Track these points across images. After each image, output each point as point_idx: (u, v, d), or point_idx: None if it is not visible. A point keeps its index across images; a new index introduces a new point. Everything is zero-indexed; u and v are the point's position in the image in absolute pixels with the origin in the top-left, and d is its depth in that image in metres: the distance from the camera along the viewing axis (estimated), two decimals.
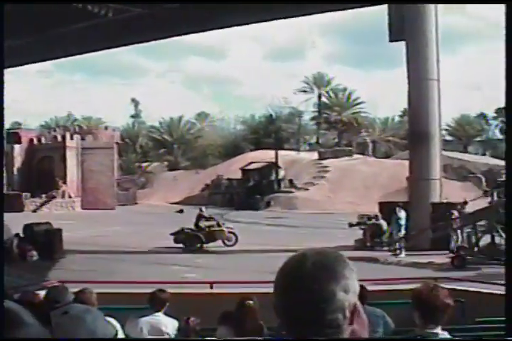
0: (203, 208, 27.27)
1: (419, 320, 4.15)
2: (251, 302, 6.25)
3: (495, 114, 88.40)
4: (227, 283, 11.93)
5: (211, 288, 11.08)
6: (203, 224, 25.71)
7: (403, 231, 24.03)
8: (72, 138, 52.26)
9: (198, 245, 25.19)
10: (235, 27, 32.68)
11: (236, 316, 6.16)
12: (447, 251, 21.87)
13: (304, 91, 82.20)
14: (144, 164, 72.45)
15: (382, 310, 7.37)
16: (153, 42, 36.10)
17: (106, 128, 59.15)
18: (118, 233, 31.55)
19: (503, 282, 13.94)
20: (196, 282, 14.17)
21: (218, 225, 25.85)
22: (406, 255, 22.36)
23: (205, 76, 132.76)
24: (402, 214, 24.23)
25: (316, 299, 1.70)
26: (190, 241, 25.22)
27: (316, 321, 1.71)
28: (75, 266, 20.24)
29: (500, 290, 12.32)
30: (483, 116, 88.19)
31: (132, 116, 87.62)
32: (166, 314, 7.11)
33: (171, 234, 25.29)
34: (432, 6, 25.89)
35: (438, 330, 4.14)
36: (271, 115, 68.22)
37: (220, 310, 6.29)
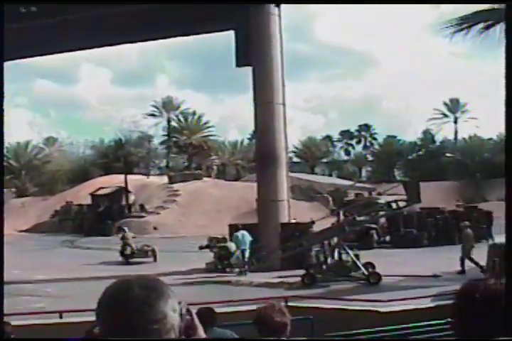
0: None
1: (261, 337, 4.27)
2: (97, 329, 6.12)
3: (339, 136, 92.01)
4: (77, 311, 11.60)
5: (60, 317, 10.76)
6: None
7: (247, 252, 24.42)
8: None
9: None
10: (82, 51, 32.28)
11: None
12: (298, 270, 22.36)
13: (154, 115, 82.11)
14: None
15: (232, 332, 7.45)
16: None
17: None
18: None
19: (350, 297, 14.48)
20: (44, 312, 13.69)
21: None
22: (257, 275, 22.62)
23: (53, 100, 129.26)
24: (245, 234, 24.67)
25: (149, 320, 1.68)
26: None
27: None
28: None
29: (348, 305, 12.80)
30: (328, 138, 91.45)
31: None
32: None
33: None
34: (277, 32, 26.69)
35: None
36: (120, 139, 67.33)
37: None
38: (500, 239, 24.98)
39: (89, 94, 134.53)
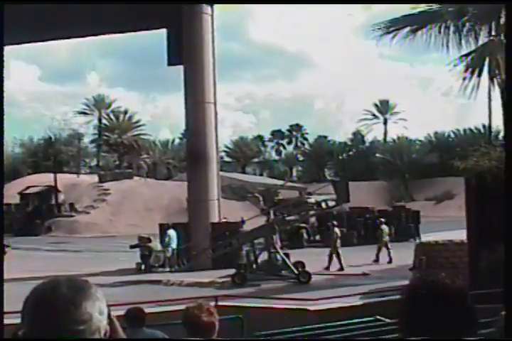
0: None
1: (190, 337, 4.26)
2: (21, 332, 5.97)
3: (271, 136, 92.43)
4: None
5: None
6: None
7: (172, 251, 24.51)
8: None
9: None
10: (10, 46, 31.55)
11: None
12: (229, 269, 22.38)
13: (84, 113, 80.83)
14: None
15: (161, 332, 7.40)
16: None
17: None
18: None
19: (280, 296, 14.55)
20: None
21: None
22: (188, 275, 22.56)
23: None
24: (172, 233, 24.73)
25: (74, 321, 1.67)
26: None
27: None
28: None
29: (279, 304, 12.87)
30: (259, 138, 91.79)
31: None
32: None
33: None
34: (209, 31, 26.64)
35: None
36: (50, 137, 66.06)
37: None
38: (427, 237, 25.60)
39: (17, 90, 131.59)
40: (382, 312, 9.18)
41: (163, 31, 27.98)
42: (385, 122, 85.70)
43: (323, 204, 22.59)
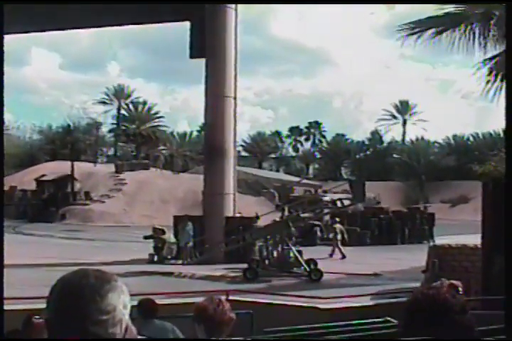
0: None
1: (203, 333, 4.24)
2: (37, 318, 6.00)
3: (288, 133, 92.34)
4: (12, 299, 11.37)
5: None
6: None
7: (191, 244, 24.52)
8: None
9: None
10: (33, 33, 31.75)
11: (22, 334, 5.91)
12: (241, 264, 22.40)
13: (104, 102, 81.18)
14: None
15: (172, 324, 7.41)
16: None
17: None
18: None
19: (291, 293, 14.57)
20: None
21: None
22: (200, 268, 22.60)
23: None
24: (190, 227, 24.75)
25: (99, 310, 1.71)
26: None
27: (98, 333, 1.71)
28: None
29: (289, 301, 12.88)
30: (277, 133, 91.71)
31: None
32: None
33: None
34: (232, 26, 26.63)
35: None
36: (69, 125, 66.27)
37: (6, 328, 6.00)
38: (441, 240, 25.49)
39: (38, 78, 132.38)
40: (393, 314, 9.16)
41: (187, 24, 27.98)
42: (404, 123, 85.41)
43: (339, 203, 22.55)
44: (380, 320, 9.14)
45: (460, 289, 6.69)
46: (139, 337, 2.26)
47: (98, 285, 1.75)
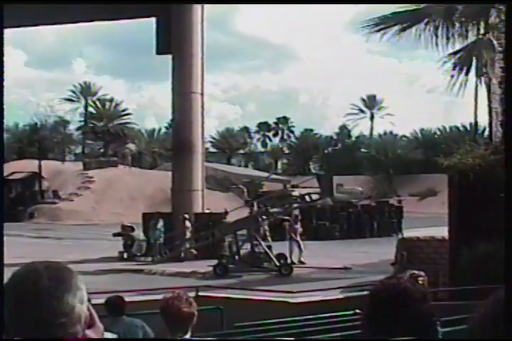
0: None
1: (168, 328, 4.28)
2: None
3: (257, 128, 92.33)
4: None
5: None
6: None
7: (161, 240, 24.50)
8: None
9: None
10: None
11: None
12: (211, 260, 22.40)
13: (71, 100, 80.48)
14: None
15: (141, 321, 7.43)
16: None
17: None
18: None
19: (261, 288, 14.61)
20: None
21: None
22: (170, 265, 22.58)
23: None
24: (161, 224, 24.71)
25: (56, 314, 1.68)
26: None
27: (58, 335, 1.69)
28: None
29: (260, 296, 12.93)
30: (245, 129, 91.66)
31: None
32: None
33: None
34: (198, 22, 26.58)
35: (187, 337, 4.31)
36: (36, 124, 65.64)
37: None
38: (409, 233, 25.75)
39: None
40: (362, 306, 9.24)
41: (153, 20, 27.87)
42: (372, 117, 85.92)
43: (307, 198, 22.65)
44: (349, 312, 9.23)
45: (421, 279, 6.78)
46: (107, 333, 2.28)
47: (53, 288, 1.70)
